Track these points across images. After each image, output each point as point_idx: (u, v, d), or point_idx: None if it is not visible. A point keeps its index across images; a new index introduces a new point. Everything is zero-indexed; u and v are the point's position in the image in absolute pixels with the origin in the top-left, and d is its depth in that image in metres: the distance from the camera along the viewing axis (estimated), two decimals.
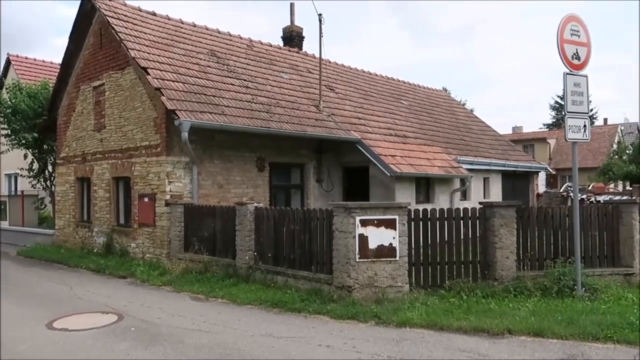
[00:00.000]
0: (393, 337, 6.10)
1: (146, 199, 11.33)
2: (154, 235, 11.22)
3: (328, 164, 14.16)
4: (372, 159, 13.07)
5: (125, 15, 12.69)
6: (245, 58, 14.81)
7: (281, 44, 18.24)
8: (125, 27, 12.16)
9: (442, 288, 7.93)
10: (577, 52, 7.76)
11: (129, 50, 11.36)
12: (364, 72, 20.49)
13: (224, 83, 12.57)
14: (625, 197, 16.84)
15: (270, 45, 17.08)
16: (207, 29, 15.23)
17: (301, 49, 18.42)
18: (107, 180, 12.77)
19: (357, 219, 7.49)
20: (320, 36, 13.70)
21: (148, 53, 11.68)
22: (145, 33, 12.53)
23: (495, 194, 17.72)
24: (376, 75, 21.09)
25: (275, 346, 5.87)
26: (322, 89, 14.64)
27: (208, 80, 12.23)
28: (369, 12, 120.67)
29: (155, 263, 10.76)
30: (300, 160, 13.58)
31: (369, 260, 7.51)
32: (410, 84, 22.85)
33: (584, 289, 7.66)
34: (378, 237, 7.52)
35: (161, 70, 11.30)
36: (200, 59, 13.08)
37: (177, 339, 6.18)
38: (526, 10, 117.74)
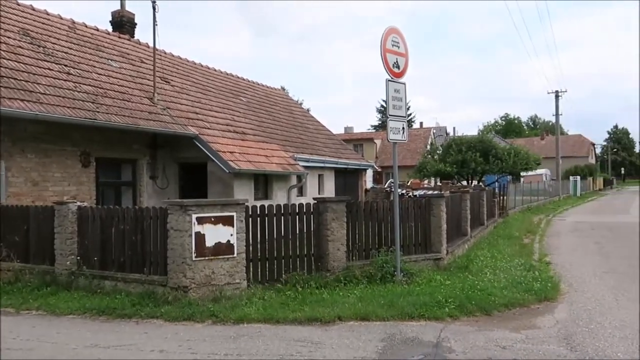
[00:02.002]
0: (230, 335, 6.09)
1: None
2: None
3: (163, 160, 13.50)
4: (210, 155, 12.82)
5: None
6: (66, 41, 13.31)
7: (110, 29, 16.80)
8: None
9: (279, 282, 8.15)
10: (397, 62, 8.62)
11: None
12: (202, 66, 19.97)
13: (40, 67, 11.13)
14: (436, 192, 19.20)
15: (97, 30, 15.62)
16: (18, 4, 13.31)
17: (133, 37, 17.20)
18: None
19: (194, 216, 7.29)
20: (154, 24, 12.97)
21: None
22: None
23: (329, 189, 18.81)
24: (215, 70, 20.73)
25: (103, 357, 5.42)
26: (157, 80, 13.90)
27: (19, 62, 10.70)
28: (214, 7, 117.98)
29: None
30: (132, 155, 12.69)
31: (206, 258, 7.37)
32: (249, 81, 22.95)
33: (402, 274, 8.57)
34: (215, 234, 7.42)
35: None
36: (9, 37, 11.37)
37: None
38: (358, 20, 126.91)
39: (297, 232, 8.63)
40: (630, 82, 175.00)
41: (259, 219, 8.30)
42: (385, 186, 29.56)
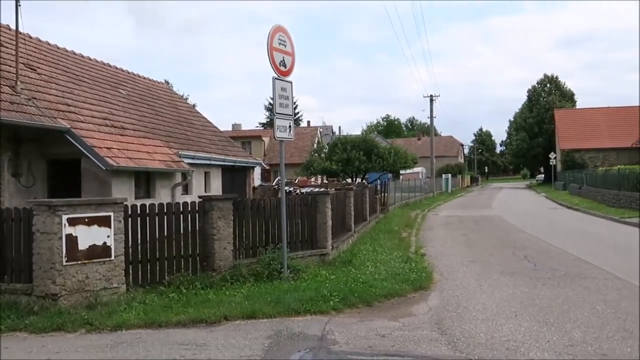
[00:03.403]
0: (107, 343, 5.70)
1: None
2: None
3: (29, 156, 12.17)
4: (84, 151, 11.84)
5: None
6: None
7: None
8: None
9: (162, 284, 7.81)
10: (284, 60, 8.69)
11: None
12: (75, 54, 18.34)
13: None
14: (322, 189, 19.66)
15: None
16: None
17: None
18: None
19: (64, 217, 6.69)
20: (17, 4, 11.64)
21: None
22: None
23: (216, 187, 18.41)
24: (90, 59, 19.16)
25: None
26: (20, 67, 12.48)
27: None
28: None
29: None
30: None
31: (79, 262, 6.81)
32: (129, 72, 21.57)
33: (289, 270, 8.68)
34: (90, 236, 6.89)
35: None
36: None
37: None
38: (247, 17, 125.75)
39: (182, 231, 8.33)
40: (492, 89, 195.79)
41: (139, 218, 7.86)
42: (274, 184, 29.72)
